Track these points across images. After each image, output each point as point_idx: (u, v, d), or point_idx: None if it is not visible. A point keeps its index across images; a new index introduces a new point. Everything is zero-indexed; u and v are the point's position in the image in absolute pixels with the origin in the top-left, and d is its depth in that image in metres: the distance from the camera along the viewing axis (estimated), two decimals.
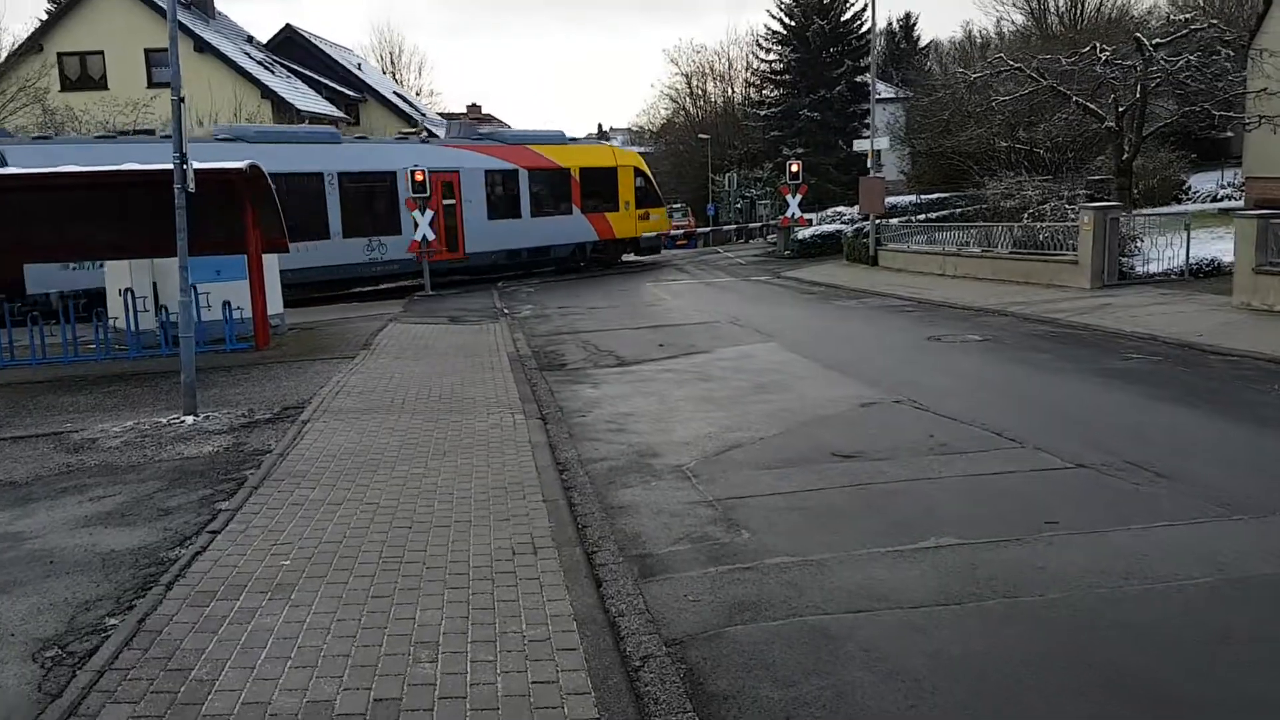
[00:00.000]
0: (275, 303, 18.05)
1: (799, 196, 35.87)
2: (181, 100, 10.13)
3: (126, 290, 16.30)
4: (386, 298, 27.29)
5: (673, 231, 61.01)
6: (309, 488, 7.37)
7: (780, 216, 36.90)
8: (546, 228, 31.01)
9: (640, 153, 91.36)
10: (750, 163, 58.66)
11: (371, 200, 27.01)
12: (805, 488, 7.22)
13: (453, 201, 28.30)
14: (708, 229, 59.84)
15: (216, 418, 10.17)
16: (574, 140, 33.59)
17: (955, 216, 30.51)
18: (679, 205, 64.78)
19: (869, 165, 30.22)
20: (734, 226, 57.55)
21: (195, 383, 10.30)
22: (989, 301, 18.50)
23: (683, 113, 73.34)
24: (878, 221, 29.21)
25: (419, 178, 25.46)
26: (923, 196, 33.92)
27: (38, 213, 15.88)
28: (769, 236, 50.19)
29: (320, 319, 20.81)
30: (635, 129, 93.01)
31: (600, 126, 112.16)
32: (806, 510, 6.71)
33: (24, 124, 27.43)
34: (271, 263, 17.96)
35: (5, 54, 29.98)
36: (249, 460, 8.34)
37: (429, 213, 25.84)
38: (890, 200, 33.03)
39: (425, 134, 33.02)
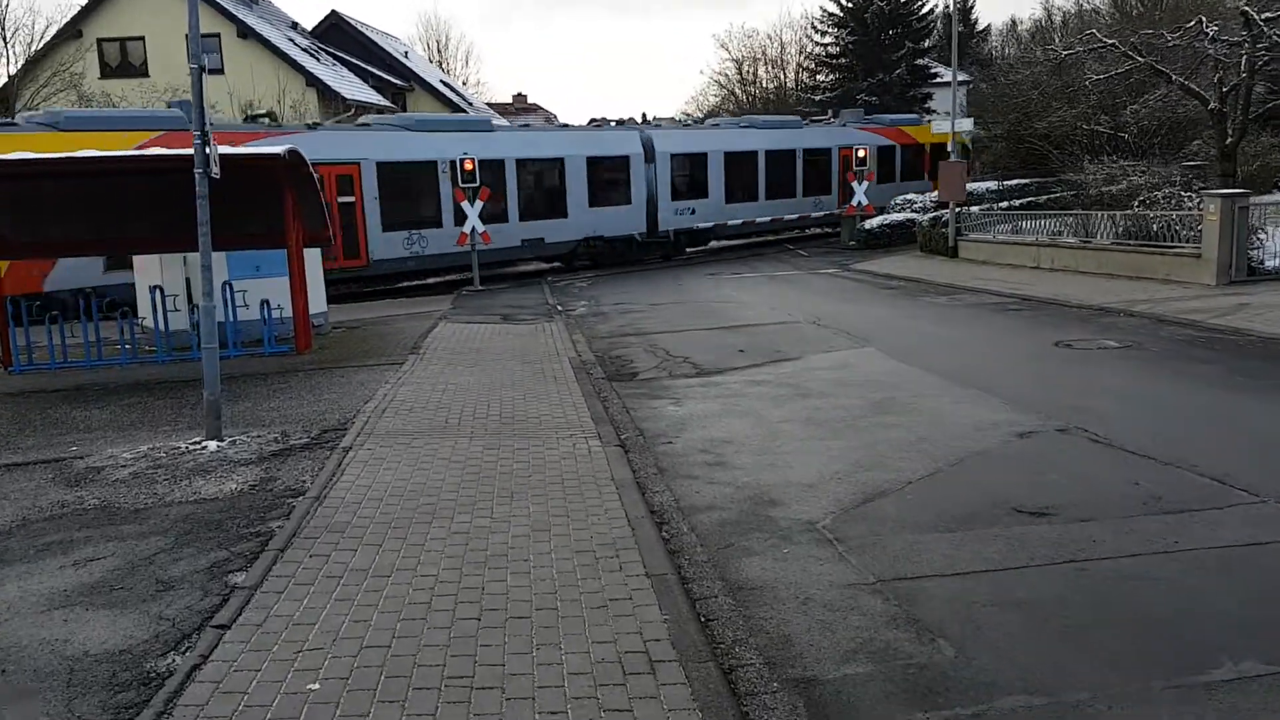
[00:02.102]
0: (318, 301, 16.66)
1: (866, 183, 33.97)
2: (202, 69, 8.65)
3: (155, 288, 14.98)
4: (434, 293, 25.90)
5: None
6: (348, 549, 5.83)
7: (845, 205, 34.94)
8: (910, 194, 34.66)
9: None
10: None
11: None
12: (1001, 564, 5.50)
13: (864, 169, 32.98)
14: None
15: (244, 443, 8.70)
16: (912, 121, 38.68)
17: (1040, 204, 28.42)
18: None
19: (949, 149, 28.20)
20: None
21: (220, 400, 8.84)
22: (1105, 299, 16.57)
23: (732, 99, 71.33)
24: (957, 209, 27.21)
25: (468, 166, 23.98)
26: (1004, 182, 31.76)
27: (66, 203, 14.58)
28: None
29: (366, 316, 19.40)
30: (683, 116, 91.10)
31: (644, 115, 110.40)
32: (1021, 606, 4.98)
33: (60, 110, 26.34)
34: (314, 257, 16.57)
35: (41, 39, 28.97)
36: (277, 505, 6.83)
37: (478, 204, 24.35)
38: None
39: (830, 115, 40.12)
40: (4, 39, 26.63)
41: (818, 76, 60.22)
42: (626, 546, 5.86)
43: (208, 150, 8.72)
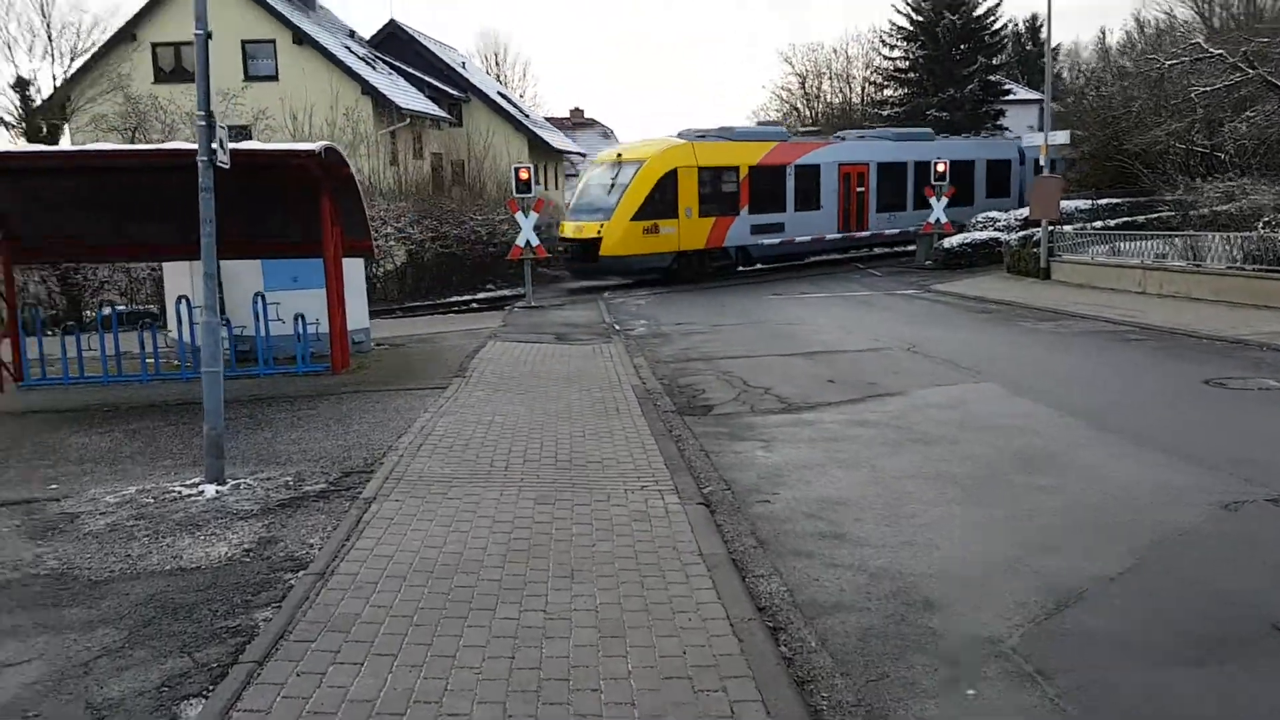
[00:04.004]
0: (359, 315, 15.27)
1: (944, 200, 32.03)
2: (208, 36, 7.21)
3: (181, 298, 13.68)
4: (483, 309, 24.53)
5: None
6: (350, 663, 4.24)
7: (922, 222, 33.02)
8: None
9: None
10: None
11: None
12: None
13: None
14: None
15: (249, 487, 7.19)
16: None
17: (1138, 224, 26.28)
18: None
19: (1042, 164, 26.17)
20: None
21: (222, 437, 7.35)
22: (1236, 329, 14.56)
23: (795, 113, 69.57)
24: (1050, 228, 25.20)
25: (524, 175, 22.60)
26: (1098, 201, 29.61)
27: (85, 202, 13.34)
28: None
29: (412, 333, 18.00)
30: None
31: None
32: None
33: (104, 112, 25.56)
34: (356, 269, 15.21)
35: (88, 36, 28.27)
36: (270, 582, 5.27)
37: (533, 215, 22.95)
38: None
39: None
40: (50, 37, 25.87)
41: (885, 91, 58.42)
42: (735, 672, 4.20)
43: (217, 136, 7.26)
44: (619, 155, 27.01)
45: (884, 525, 6.33)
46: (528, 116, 47.90)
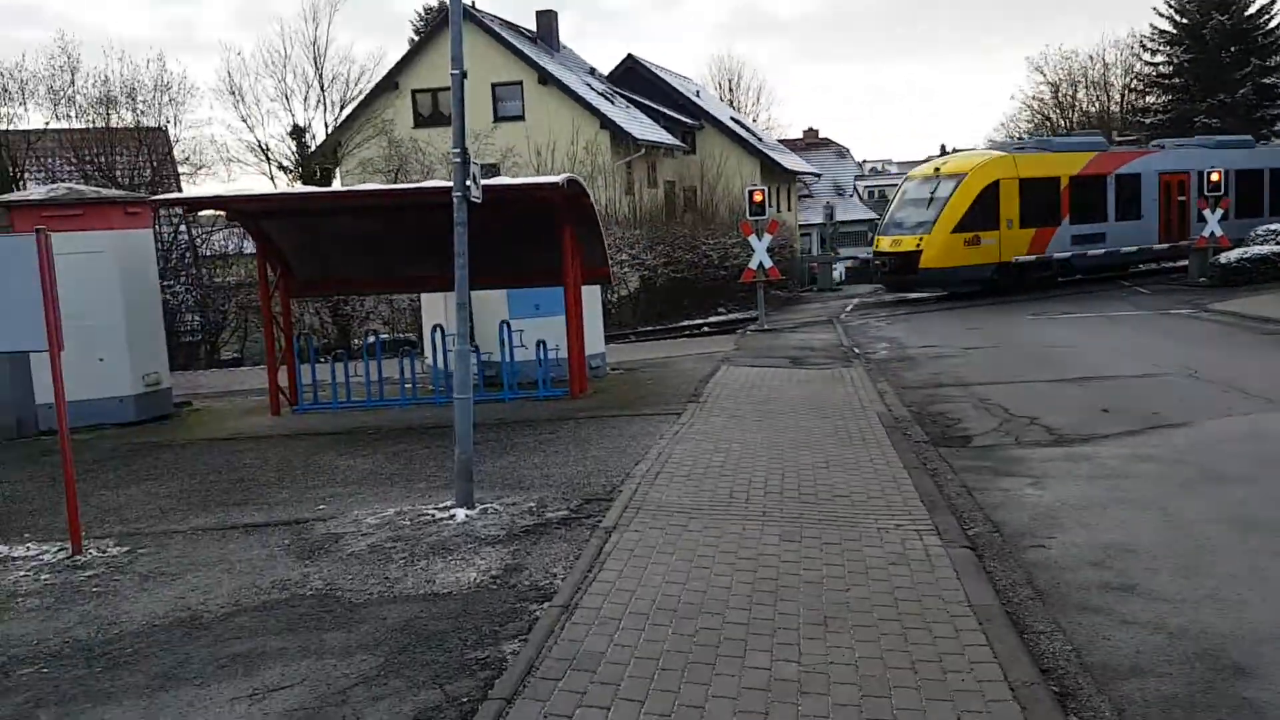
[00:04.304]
0: (596, 340, 15.52)
1: (1220, 211, 29.04)
2: (464, 75, 7.43)
3: (436, 326, 14.39)
4: (714, 332, 24.47)
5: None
6: (596, 715, 4.06)
7: (1196, 236, 30.07)
8: None
9: None
10: None
11: None
12: None
13: None
14: None
15: (496, 512, 7.28)
16: None
17: None
18: None
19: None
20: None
21: (472, 460, 7.50)
22: None
23: (1047, 124, 65.63)
24: None
25: (757, 198, 22.38)
26: None
27: (352, 241, 14.33)
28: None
29: (646, 358, 18.14)
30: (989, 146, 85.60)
31: (943, 147, 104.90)
32: None
33: (370, 156, 27.66)
34: (594, 295, 15.48)
35: (356, 85, 30.76)
36: (517, 613, 5.22)
37: (766, 237, 22.67)
38: None
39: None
40: (322, 87, 28.32)
41: (1147, 98, 54.27)
42: None
43: (470, 169, 7.47)
44: (936, 169, 27.41)
45: (1181, 577, 5.53)
46: (760, 140, 47.86)
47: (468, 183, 7.40)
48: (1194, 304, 23.88)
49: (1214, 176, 29.13)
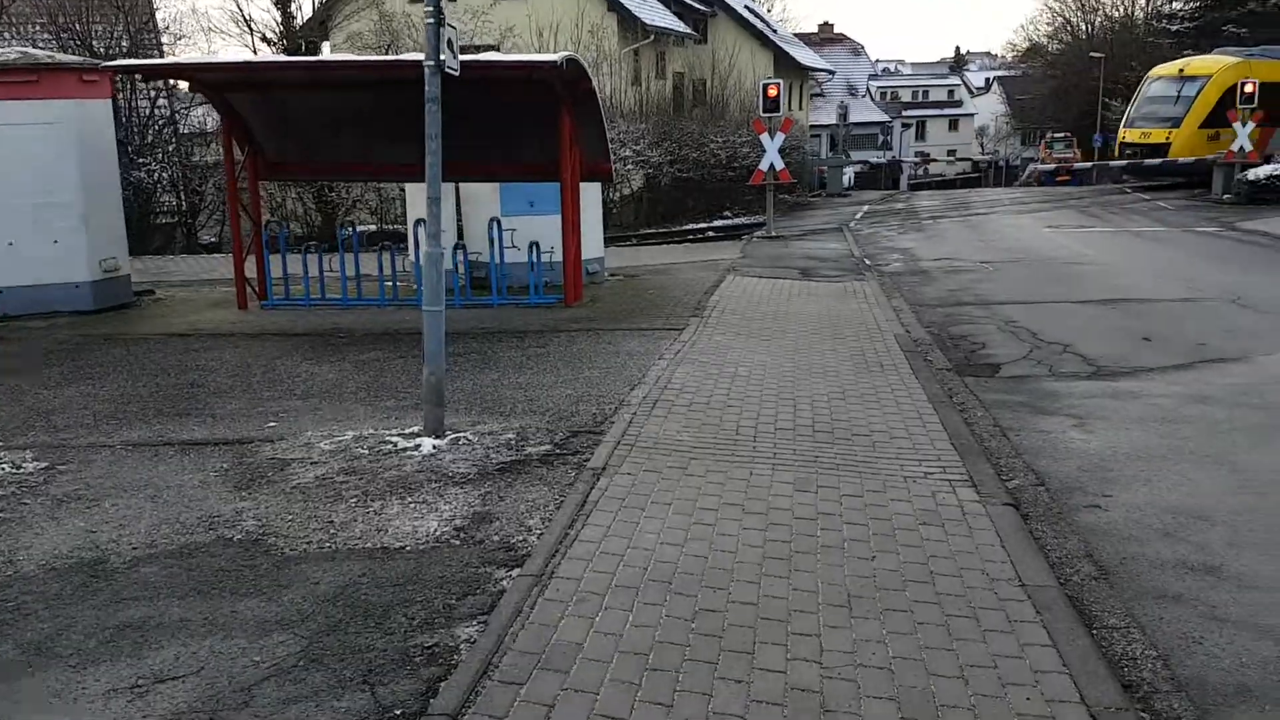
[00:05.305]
0: (594, 244, 14.44)
1: (1250, 125, 27.57)
2: None
3: (420, 221, 13.26)
4: (719, 238, 23.32)
5: (1046, 165, 52.67)
6: None
7: (1224, 151, 28.64)
8: None
9: (1007, 76, 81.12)
10: None
11: None
12: None
13: None
14: (1091, 164, 50.66)
15: (469, 443, 6.37)
16: None
17: None
18: (1061, 135, 55.78)
19: None
20: (1126, 161, 48.19)
21: (443, 383, 6.55)
22: None
23: (1067, 28, 63.04)
24: None
25: (772, 93, 20.97)
26: None
27: (329, 120, 13.08)
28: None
29: (646, 263, 17.09)
30: (1006, 51, 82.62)
31: (957, 50, 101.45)
32: None
33: (360, 30, 25.97)
34: (594, 194, 14.33)
35: None
36: (480, 581, 4.33)
37: (779, 137, 21.31)
38: None
39: None
40: None
41: (1173, 4, 51.78)
42: None
43: (444, 35, 6.32)
44: (1180, 70, 30.44)
45: (1274, 557, 4.64)
46: (775, 32, 45.65)
47: (441, 53, 6.25)
48: (1220, 222, 22.74)
49: (1248, 88, 27.66)
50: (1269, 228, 20.70)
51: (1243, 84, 27.96)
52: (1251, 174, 27.08)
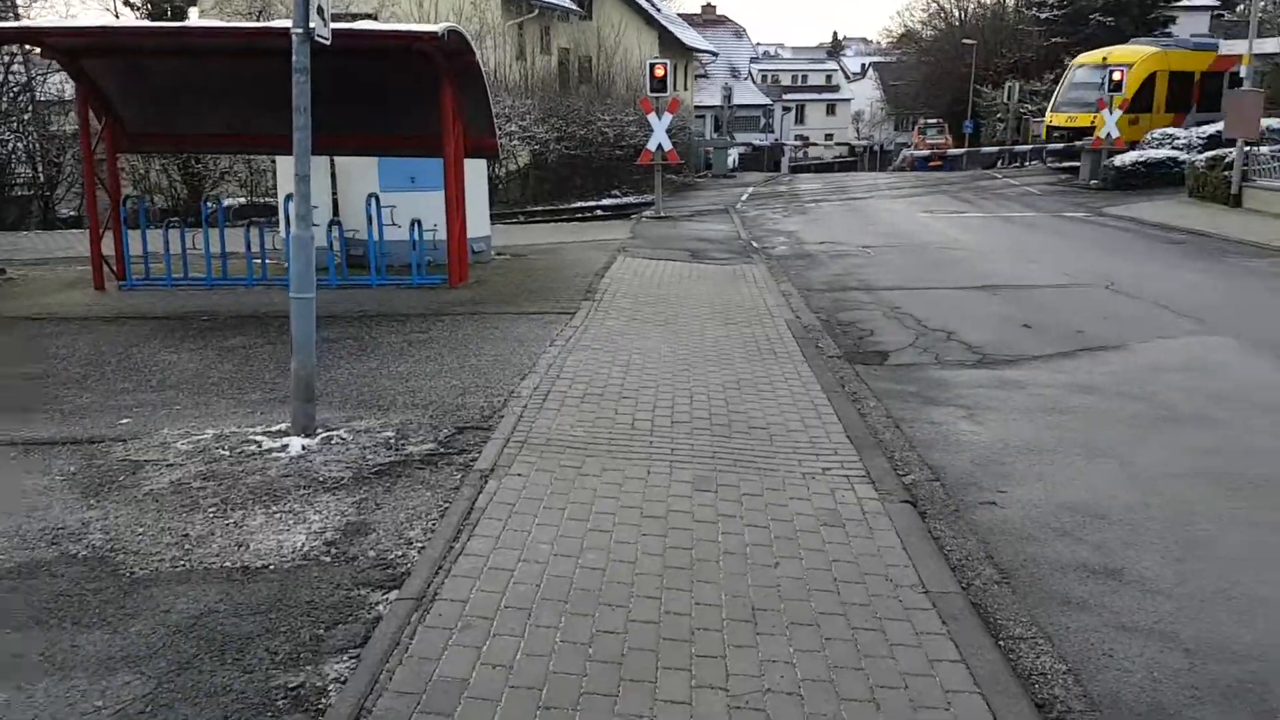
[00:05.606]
0: (480, 221, 13.94)
1: (1119, 112, 28.77)
2: None
3: (289, 197, 12.52)
4: (608, 217, 23.02)
5: (920, 151, 54.11)
6: None
7: (1092, 138, 29.79)
8: None
9: (882, 62, 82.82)
10: (1022, 73, 50.54)
11: None
12: None
13: None
14: (962, 150, 52.24)
15: (342, 442, 5.91)
16: None
17: None
18: (934, 121, 57.33)
19: (1241, 74, 22.83)
20: (997, 148, 49.85)
21: (314, 376, 6.07)
22: None
23: (941, 15, 64.72)
24: (1246, 149, 22.07)
25: (659, 72, 20.72)
26: None
27: (192, 89, 12.20)
28: (1049, 161, 42.58)
29: (534, 242, 16.66)
30: (882, 37, 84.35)
31: (835, 35, 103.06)
32: None
33: None
34: (478, 171, 13.82)
35: None
36: (352, 607, 3.94)
37: (666, 117, 21.08)
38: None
39: None
40: None
41: None
42: None
43: (309, 2, 5.79)
44: (1104, 59, 31.86)
45: (1174, 559, 4.63)
46: (659, 11, 45.33)
47: (311, 19, 5.73)
48: (1088, 207, 23.63)
49: (1115, 76, 28.84)
50: (1135, 213, 21.59)
51: (1110, 72, 29.16)
52: (1118, 160, 28.26)
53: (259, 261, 12.10)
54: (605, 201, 24.98)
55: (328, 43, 6.12)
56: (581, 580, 4.15)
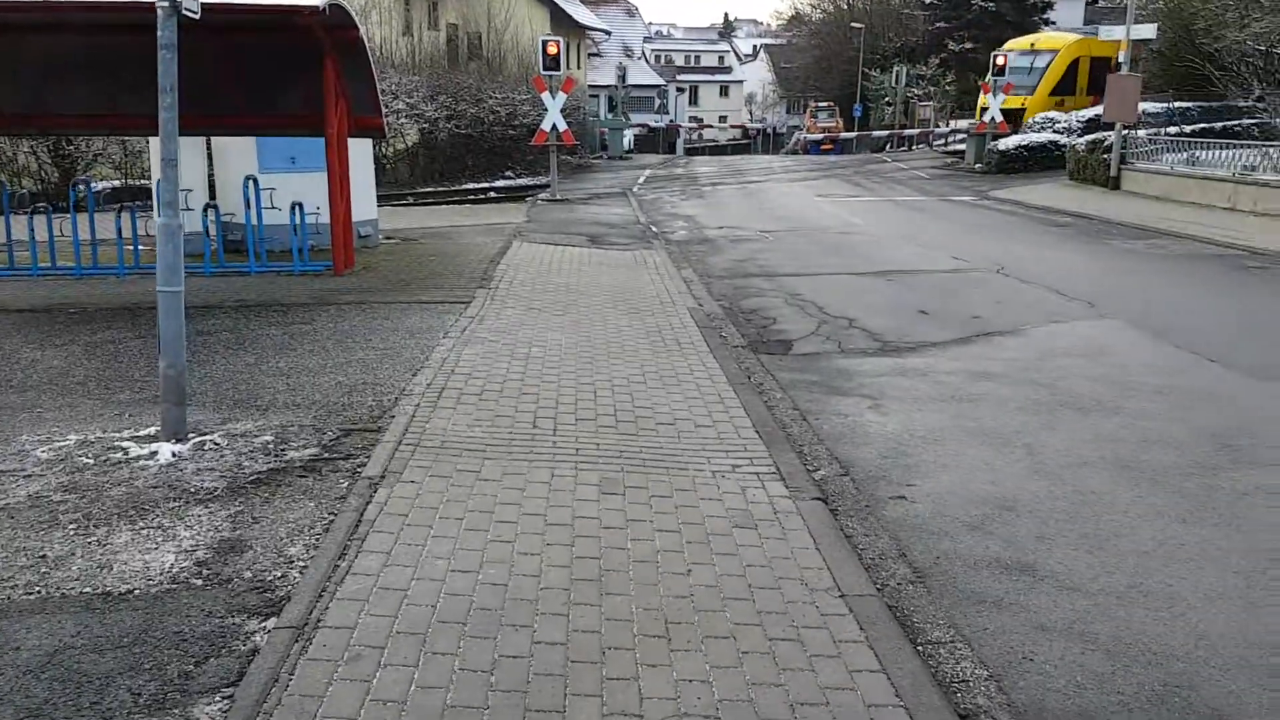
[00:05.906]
0: (366, 204, 13.40)
1: (1003, 96, 29.58)
2: None
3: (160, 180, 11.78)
4: (502, 199, 22.54)
5: (812, 135, 54.86)
6: None
7: (976, 122, 30.56)
8: None
9: (773, 45, 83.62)
10: (908, 58, 51.65)
11: None
12: None
13: None
14: (853, 134, 53.16)
15: (216, 447, 5.47)
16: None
17: (1215, 133, 23.87)
18: (825, 104, 58.13)
19: (1120, 60, 23.60)
20: (886, 132, 50.88)
21: (184, 377, 5.60)
22: None
23: (832, 1, 65.60)
24: (1124, 133, 22.89)
25: (552, 50, 20.30)
26: (1174, 104, 27.00)
27: (66, 66, 11.32)
28: (935, 144, 43.69)
29: (425, 225, 16.15)
30: (773, 20, 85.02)
31: (726, 16, 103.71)
32: None
33: None
34: (364, 151, 13.26)
35: None
36: (226, 638, 3.57)
37: (560, 96, 20.69)
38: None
39: None
40: None
41: None
42: None
43: None
44: (1033, 44, 33.29)
45: (1085, 551, 4.60)
46: None
47: None
48: (975, 191, 24.20)
49: (999, 60, 29.64)
50: (1020, 196, 22.19)
51: (995, 57, 29.92)
52: (1001, 144, 29.04)
53: (131, 249, 11.34)
54: (499, 183, 24.46)
55: (196, 17, 5.64)
56: (482, 598, 3.87)
